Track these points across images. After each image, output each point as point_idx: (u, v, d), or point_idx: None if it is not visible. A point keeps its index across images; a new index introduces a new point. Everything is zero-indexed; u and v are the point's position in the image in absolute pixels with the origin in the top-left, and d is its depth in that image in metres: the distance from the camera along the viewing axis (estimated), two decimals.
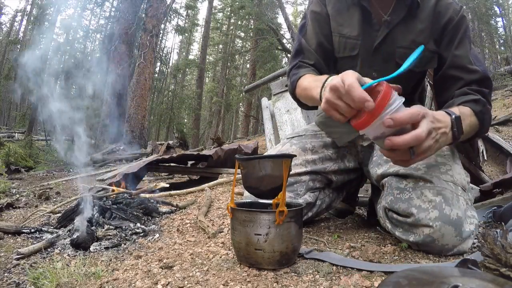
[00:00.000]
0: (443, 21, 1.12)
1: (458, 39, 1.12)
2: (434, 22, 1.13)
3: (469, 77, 1.08)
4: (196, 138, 17.42)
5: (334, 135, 1.34)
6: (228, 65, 21.78)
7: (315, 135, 1.38)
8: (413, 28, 1.14)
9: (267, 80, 3.94)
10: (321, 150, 1.33)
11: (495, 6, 18.33)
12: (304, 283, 0.79)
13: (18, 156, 6.05)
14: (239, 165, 0.99)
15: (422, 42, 1.12)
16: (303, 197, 1.26)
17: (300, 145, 1.34)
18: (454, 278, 0.53)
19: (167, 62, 21.41)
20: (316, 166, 1.30)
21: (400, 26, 1.15)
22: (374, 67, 1.19)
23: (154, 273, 0.92)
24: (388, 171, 1.11)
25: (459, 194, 0.99)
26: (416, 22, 1.14)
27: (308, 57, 1.25)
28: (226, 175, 3.04)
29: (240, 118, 24.30)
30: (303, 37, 1.27)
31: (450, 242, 0.94)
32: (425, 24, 1.13)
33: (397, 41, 1.16)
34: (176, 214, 1.86)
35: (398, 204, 1.01)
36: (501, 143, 3.43)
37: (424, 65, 1.19)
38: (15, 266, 1.20)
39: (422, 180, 1.01)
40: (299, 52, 1.27)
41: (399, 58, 1.16)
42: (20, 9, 25.88)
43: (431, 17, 1.13)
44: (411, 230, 0.98)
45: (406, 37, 1.15)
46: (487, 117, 1.03)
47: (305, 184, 1.27)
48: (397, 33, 1.15)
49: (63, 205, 2.12)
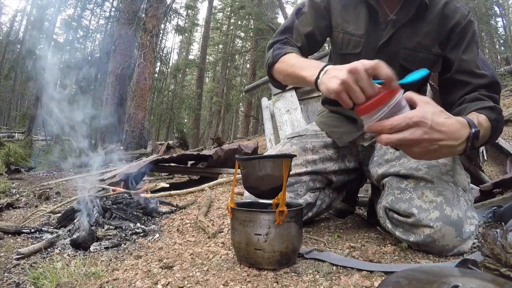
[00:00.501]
0: (450, 24, 1.11)
1: (465, 44, 1.10)
2: (441, 25, 1.12)
3: (477, 82, 1.07)
4: (196, 138, 17.42)
5: (335, 135, 1.34)
6: (228, 65, 21.78)
7: (315, 135, 1.38)
8: (420, 29, 1.13)
9: (267, 80, 3.93)
10: (322, 150, 1.33)
11: (495, 6, 18.34)
12: (304, 283, 0.79)
13: (18, 156, 6.05)
14: (239, 165, 0.99)
15: (428, 44, 1.13)
16: (303, 197, 1.26)
17: (301, 145, 1.33)
18: (454, 278, 0.53)
19: (167, 62, 21.40)
20: (317, 166, 1.29)
21: (406, 26, 1.13)
22: None
23: (154, 273, 0.92)
24: (389, 171, 1.11)
25: (459, 194, 0.99)
26: (423, 24, 1.12)
27: (296, 38, 1.23)
28: (226, 175, 3.04)
29: (240, 118, 24.29)
30: (297, 19, 1.25)
31: (451, 243, 0.94)
32: (431, 26, 1.12)
33: (403, 42, 1.14)
34: (176, 214, 1.86)
35: (398, 204, 1.01)
36: (501, 143, 3.43)
37: (429, 69, 1.16)
38: (15, 266, 1.20)
39: (423, 180, 1.01)
40: (288, 29, 1.25)
41: (403, 60, 1.15)
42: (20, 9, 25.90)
43: (438, 19, 1.12)
44: (412, 230, 0.98)
45: (411, 39, 1.14)
46: (500, 125, 1.00)
47: (306, 184, 1.27)
48: (403, 33, 1.14)
49: (63, 205, 2.12)
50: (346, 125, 1.33)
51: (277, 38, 1.25)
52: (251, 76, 17.17)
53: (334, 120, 1.38)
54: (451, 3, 1.13)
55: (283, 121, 2.58)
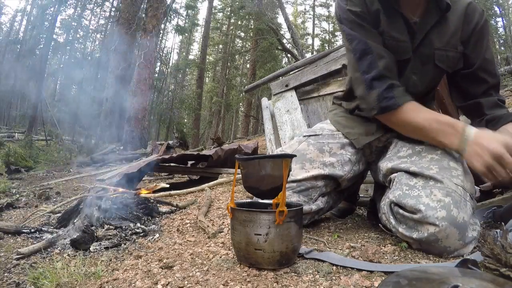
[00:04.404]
0: (473, 24, 1.16)
1: (485, 43, 1.18)
2: (464, 24, 1.16)
3: (493, 81, 1.17)
4: (196, 138, 17.41)
5: (352, 136, 1.30)
6: (228, 65, 21.78)
7: (332, 135, 1.33)
8: (447, 30, 1.15)
9: (267, 80, 3.93)
10: (340, 151, 1.28)
11: (495, 6, 18.33)
12: (304, 283, 0.79)
13: (18, 156, 6.05)
14: (239, 165, 0.99)
15: (455, 43, 1.17)
16: (316, 203, 1.25)
17: (318, 146, 1.28)
18: (454, 278, 0.53)
19: (167, 62, 21.40)
20: (335, 170, 1.25)
21: (435, 28, 1.15)
22: (413, 70, 1.19)
23: (154, 273, 0.92)
24: (399, 166, 1.12)
25: (467, 199, 1.00)
26: (449, 24, 1.15)
27: (381, 55, 1.10)
28: (226, 175, 3.04)
29: (240, 118, 24.30)
30: (369, 40, 1.11)
31: (453, 245, 0.94)
32: (456, 26, 1.16)
33: (434, 43, 1.16)
34: (176, 214, 1.86)
35: (406, 199, 1.01)
36: None
37: (454, 66, 1.20)
38: (15, 266, 1.20)
39: (432, 179, 1.02)
40: (367, 52, 1.10)
41: (438, 60, 1.17)
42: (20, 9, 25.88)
43: (462, 19, 1.15)
44: (416, 227, 0.98)
45: (441, 39, 1.16)
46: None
47: (319, 189, 1.25)
48: (432, 35, 1.15)
49: (63, 205, 2.12)
50: (362, 126, 1.30)
51: (370, 73, 1.10)
52: (251, 76, 17.17)
53: (349, 120, 1.34)
54: (472, 3, 1.17)
55: (283, 121, 2.58)
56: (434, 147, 1.11)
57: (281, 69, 4.13)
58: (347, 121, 1.35)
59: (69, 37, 19.65)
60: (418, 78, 1.20)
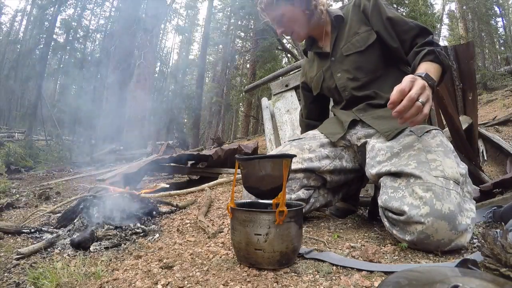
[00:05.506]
0: (361, 7, 1.39)
1: (382, 10, 1.33)
2: (356, 13, 1.40)
3: (411, 32, 1.27)
4: (196, 138, 17.40)
5: (327, 130, 1.44)
6: (228, 65, 21.77)
7: (313, 137, 1.46)
8: (344, 29, 1.42)
9: (267, 80, 3.93)
10: (318, 149, 1.39)
11: (495, 6, 18.34)
12: (304, 283, 0.79)
13: (18, 156, 6.05)
14: (239, 165, 0.98)
15: (355, 30, 1.38)
16: (296, 193, 1.31)
17: (299, 146, 1.40)
18: (454, 278, 0.53)
19: (167, 62, 21.40)
20: (312, 163, 1.35)
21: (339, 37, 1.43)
22: (337, 70, 1.44)
23: (154, 273, 0.92)
24: (381, 171, 1.14)
25: (450, 188, 0.98)
26: (347, 27, 1.41)
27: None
28: (226, 175, 3.04)
29: (240, 118, 24.28)
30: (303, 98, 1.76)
31: (446, 236, 0.93)
32: (351, 19, 1.40)
33: (340, 44, 1.42)
34: (176, 214, 1.86)
35: (391, 203, 1.03)
36: (501, 143, 3.43)
37: (365, 43, 1.36)
38: (15, 266, 1.20)
39: (412, 176, 1.03)
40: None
41: (345, 51, 1.40)
42: (20, 9, 25.89)
43: (354, 11, 1.41)
44: (405, 228, 0.98)
45: (343, 38, 1.41)
46: (442, 56, 1.17)
47: (300, 181, 1.33)
48: (337, 42, 1.44)
49: (63, 205, 2.12)
50: (337, 125, 1.44)
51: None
52: (251, 76, 17.17)
53: (329, 120, 1.54)
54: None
55: (283, 121, 2.58)
56: (411, 144, 1.13)
57: (281, 69, 4.13)
58: (327, 122, 1.54)
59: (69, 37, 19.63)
60: (347, 71, 1.41)
